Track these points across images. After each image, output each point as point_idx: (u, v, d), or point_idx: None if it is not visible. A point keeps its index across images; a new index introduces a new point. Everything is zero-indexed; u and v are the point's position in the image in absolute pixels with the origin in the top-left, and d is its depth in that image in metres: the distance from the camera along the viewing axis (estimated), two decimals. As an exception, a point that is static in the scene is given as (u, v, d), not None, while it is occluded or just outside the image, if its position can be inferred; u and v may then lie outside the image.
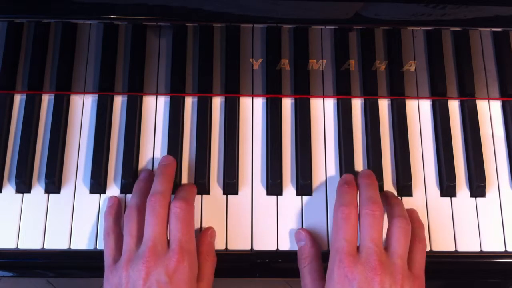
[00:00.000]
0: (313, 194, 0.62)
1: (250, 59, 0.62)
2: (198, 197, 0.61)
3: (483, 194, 0.63)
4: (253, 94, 0.65)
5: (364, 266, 0.52)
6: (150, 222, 0.55)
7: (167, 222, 0.56)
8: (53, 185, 0.61)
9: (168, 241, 0.55)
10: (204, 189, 0.62)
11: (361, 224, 0.55)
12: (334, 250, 0.54)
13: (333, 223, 0.56)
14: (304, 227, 0.61)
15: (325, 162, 0.63)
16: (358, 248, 0.54)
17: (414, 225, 0.58)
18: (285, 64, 0.62)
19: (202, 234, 0.59)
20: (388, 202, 0.60)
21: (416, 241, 0.57)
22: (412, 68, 0.63)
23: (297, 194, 0.62)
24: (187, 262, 0.53)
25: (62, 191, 0.62)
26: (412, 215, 0.60)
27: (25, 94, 0.64)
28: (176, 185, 0.61)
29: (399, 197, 0.62)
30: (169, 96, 0.65)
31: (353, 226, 0.55)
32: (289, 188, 0.62)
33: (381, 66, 0.62)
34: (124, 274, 0.53)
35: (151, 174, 0.61)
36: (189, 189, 0.60)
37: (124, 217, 0.57)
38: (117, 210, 0.60)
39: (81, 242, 0.60)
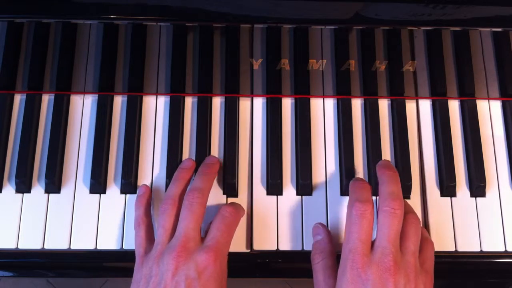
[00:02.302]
0: (313, 194, 0.62)
1: (250, 59, 0.62)
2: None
3: (483, 194, 0.63)
4: (253, 94, 0.65)
5: (378, 266, 0.51)
6: (186, 217, 0.55)
7: (202, 220, 0.56)
8: (53, 185, 0.61)
9: (201, 239, 0.55)
10: (204, 189, 0.62)
11: (379, 220, 0.53)
12: (347, 249, 0.53)
13: (347, 218, 0.55)
14: (304, 227, 0.61)
15: (325, 162, 0.63)
16: (372, 243, 0.53)
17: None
18: (285, 64, 0.62)
19: None
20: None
21: (428, 241, 0.57)
22: (412, 68, 0.63)
23: (297, 194, 0.62)
24: (219, 262, 0.53)
25: (62, 191, 0.62)
26: None
27: (25, 94, 0.64)
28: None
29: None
30: (169, 96, 0.65)
31: (368, 224, 0.53)
32: (289, 188, 0.62)
33: (381, 66, 0.62)
34: (154, 266, 0.53)
35: (193, 164, 0.61)
36: (236, 204, 0.60)
37: (160, 207, 0.57)
38: (148, 200, 0.60)
39: (81, 242, 0.60)
